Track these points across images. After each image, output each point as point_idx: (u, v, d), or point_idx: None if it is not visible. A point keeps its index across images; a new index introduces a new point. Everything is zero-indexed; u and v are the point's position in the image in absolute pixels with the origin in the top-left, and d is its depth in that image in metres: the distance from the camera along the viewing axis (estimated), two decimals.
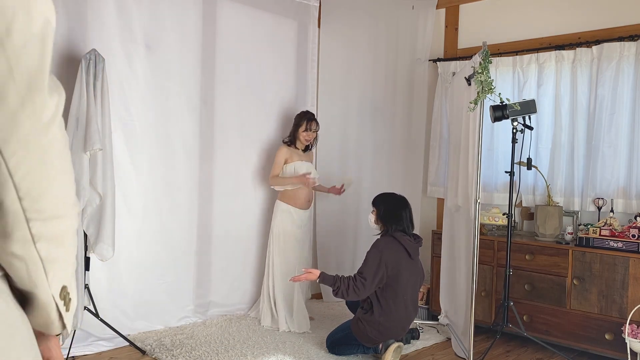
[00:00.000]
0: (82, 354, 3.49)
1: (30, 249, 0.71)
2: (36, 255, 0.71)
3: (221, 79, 4.34)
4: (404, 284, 3.52)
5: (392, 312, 3.50)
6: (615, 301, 3.60)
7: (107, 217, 3.38)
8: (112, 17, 3.69)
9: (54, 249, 0.74)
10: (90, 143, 3.21)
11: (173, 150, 4.09)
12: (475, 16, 4.84)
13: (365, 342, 3.56)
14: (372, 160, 5.07)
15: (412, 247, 3.57)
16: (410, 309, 3.60)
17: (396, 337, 3.57)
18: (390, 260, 3.48)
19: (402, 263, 3.52)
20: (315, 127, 4.30)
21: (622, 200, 3.99)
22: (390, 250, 3.51)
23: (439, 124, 4.96)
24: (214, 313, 4.40)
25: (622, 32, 3.98)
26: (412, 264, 3.58)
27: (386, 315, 3.49)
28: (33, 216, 0.70)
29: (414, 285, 3.62)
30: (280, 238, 4.23)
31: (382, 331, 3.50)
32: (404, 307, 3.53)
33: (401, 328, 3.59)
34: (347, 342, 3.63)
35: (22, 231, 0.69)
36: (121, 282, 3.84)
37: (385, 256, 3.48)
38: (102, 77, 3.35)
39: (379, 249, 3.52)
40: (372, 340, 3.55)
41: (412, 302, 3.61)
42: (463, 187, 3.77)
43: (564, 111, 4.25)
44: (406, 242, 3.55)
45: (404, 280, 3.51)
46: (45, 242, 0.72)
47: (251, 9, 4.49)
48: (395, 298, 3.50)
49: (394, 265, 3.49)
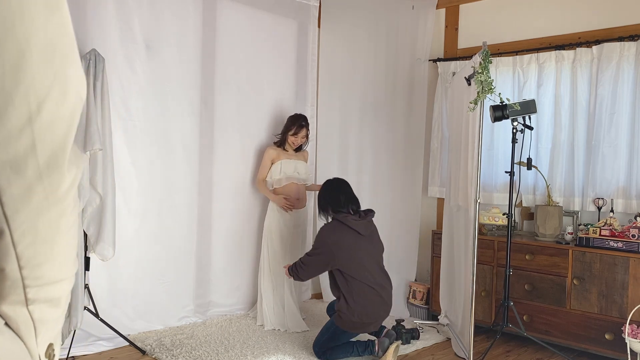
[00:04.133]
0: (82, 354, 3.49)
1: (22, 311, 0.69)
2: (28, 316, 0.70)
3: (221, 79, 4.34)
4: (361, 263, 3.51)
5: (360, 293, 3.48)
6: (615, 301, 3.60)
7: (107, 217, 3.38)
8: (112, 17, 3.69)
9: (48, 310, 0.72)
10: (90, 143, 3.21)
11: (173, 150, 4.09)
12: (475, 16, 4.84)
13: (353, 329, 3.53)
14: (372, 160, 5.07)
15: (359, 225, 3.55)
16: (380, 283, 3.56)
17: (381, 315, 3.54)
18: (335, 245, 3.49)
19: (352, 243, 3.51)
20: (304, 134, 4.33)
21: (622, 200, 3.98)
22: (335, 235, 3.52)
23: (439, 124, 4.96)
24: (214, 313, 4.40)
25: (622, 32, 3.98)
26: (364, 240, 3.56)
27: (357, 297, 3.48)
28: (31, 283, 0.68)
29: (374, 260, 3.60)
30: (271, 237, 4.27)
31: (363, 313, 3.48)
32: (369, 285, 3.50)
33: (380, 304, 3.54)
34: (336, 341, 3.57)
35: (17, 296, 0.68)
36: (121, 282, 3.84)
37: (329, 242, 3.50)
38: (102, 77, 3.35)
39: (322, 237, 3.56)
40: (358, 325, 3.50)
41: (379, 276, 3.58)
42: (463, 187, 3.77)
43: (564, 111, 4.25)
44: (351, 221, 3.54)
45: (359, 259, 3.51)
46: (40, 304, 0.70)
47: (251, 9, 4.49)
48: (359, 279, 3.49)
49: (341, 248, 3.48)
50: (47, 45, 0.62)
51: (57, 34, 0.63)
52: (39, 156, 0.64)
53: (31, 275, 0.68)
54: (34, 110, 0.62)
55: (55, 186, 0.67)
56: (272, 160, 4.30)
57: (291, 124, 4.31)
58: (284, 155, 4.30)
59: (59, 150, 0.66)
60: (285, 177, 4.26)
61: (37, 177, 0.65)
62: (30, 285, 0.68)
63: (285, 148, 4.35)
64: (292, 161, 4.30)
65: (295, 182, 4.28)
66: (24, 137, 0.63)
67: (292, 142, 4.32)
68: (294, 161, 4.31)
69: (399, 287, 4.88)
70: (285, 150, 4.35)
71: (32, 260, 0.67)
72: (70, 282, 0.75)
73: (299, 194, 4.32)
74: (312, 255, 3.57)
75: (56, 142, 0.66)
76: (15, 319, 0.68)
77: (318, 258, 3.54)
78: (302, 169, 4.32)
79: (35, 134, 0.63)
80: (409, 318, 4.63)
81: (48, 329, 0.74)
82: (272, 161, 4.30)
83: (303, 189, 4.36)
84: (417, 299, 4.74)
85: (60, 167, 0.67)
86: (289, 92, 4.82)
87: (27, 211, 0.65)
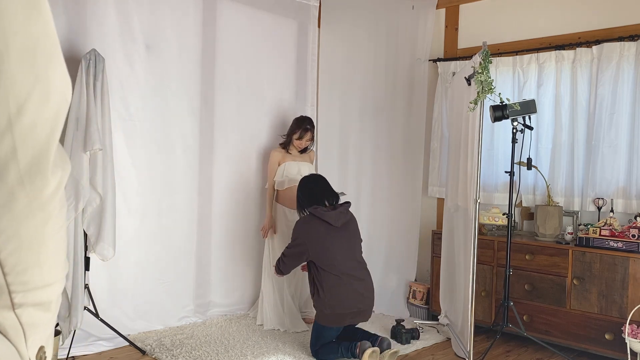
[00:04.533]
0: (82, 354, 3.49)
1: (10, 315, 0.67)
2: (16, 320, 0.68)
3: (221, 79, 4.34)
4: (332, 254, 3.53)
5: (331, 284, 3.51)
6: (615, 301, 3.60)
7: (107, 216, 3.38)
8: (112, 17, 3.69)
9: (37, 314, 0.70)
10: (90, 143, 3.21)
11: (173, 150, 4.09)
12: (475, 16, 4.84)
13: (331, 323, 3.53)
14: (372, 160, 5.07)
15: (332, 217, 3.59)
16: (353, 274, 3.56)
17: (357, 306, 3.53)
18: (307, 237, 3.55)
19: (323, 234, 3.55)
20: (309, 137, 4.32)
21: (622, 200, 3.98)
22: (308, 228, 3.59)
23: (439, 124, 4.96)
24: (214, 313, 4.40)
25: (622, 32, 3.98)
26: (337, 231, 3.60)
27: (327, 288, 3.50)
28: (17, 288, 0.67)
29: (348, 251, 3.61)
30: (273, 236, 4.29)
31: (334, 305, 3.49)
32: (338, 276, 3.51)
33: (353, 295, 3.53)
34: (321, 339, 3.57)
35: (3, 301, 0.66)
36: (121, 282, 3.84)
37: (302, 235, 3.58)
38: (102, 77, 3.35)
39: (295, 229, 3.65)
40: (334, 318, 3.50)
41: (353, 268, 3.58)
42: (462, 187, 3.77)
43: (564, 111, 4.25)
44: (321, 213, 3.59)
45: (330, 250, 3.54)
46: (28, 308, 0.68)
47: (251, 9, 4.49)
48: (328, 270, 3.51)
49: (312, 239, 3.54)
50: (27, 46, 0.60)
51: (37, 34, 0.61)
52: (20, 161, 0.62)
53: (16, 281, 0.66)
54: (14, 113, 0.60)
55: (38, 191, 0.65)
56: (278, 163, 4.32)
57: (296, 127, 4.31)
58: (288, 158, 4.31)
59: (41, 153, 0.64)
60: (287, 180, 4.26)
61: (19, 182, 0.63)
62: (17, 290, 0.67)
63: (289, 150, 4.35)
64: (296, 163, 4.30)
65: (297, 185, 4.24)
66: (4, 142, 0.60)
67: (297, 145, 4.33)
68: (298, 163, 4.31)
69: (399, 287, 4.88)
70: (290, 152, 4.35)
71: (17, 266, 0.66)
72: (61, 285, 0.73)
73: None
74: (290, 248, 3.67)
75: (38, 146, 0.63)
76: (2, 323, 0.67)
77: (293, 250, 3.63)
78: (306, 170, 4.29)
79: (15, 138, 0.61)
80: (409, 318, 4.63)
81: (38, 332, 0.72)
82: (278, 163, 4.32)
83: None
84: (417, 299, 4.74)
85: (43, 171, 0.65)
86: (289, 92, 4.82)
87: (9, 217, 0.63)
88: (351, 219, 3.75)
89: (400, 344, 3.93)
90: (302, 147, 4.34)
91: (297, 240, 3.61)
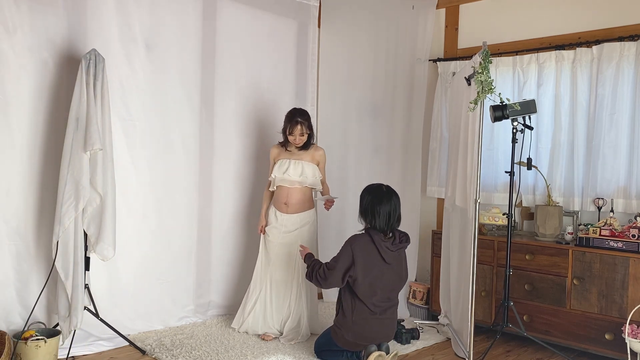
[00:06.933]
0: (82, 354, 3.49)
1: None
2: None
3: (221, 79, 4.34)
4: (373, 287, 3.39)
5: (361, 316, 3.40)
6: (615, 301, 3.60)
7: (107, 216, 3.38)
8: (112, 17, 3.70)
9: None
10: (90, 143, 3.21)
11: (173, 150, 4.09)
12: (475, 16, 4.84)
13: (346, 346, 3.46)
14: (372, 159, 5.07)
15: (388, 254, 3.41)
16: (386, 311, 3.46)
17: (376, 339, 3.43)
18: (359, 260, 3.36)
19: (373, 266, 3.38)
20: (301, 131, 3.91)
21: (622, 200, 3.98)
22: (363, 252, 3.38)
23: (438, 124, 4.96)
24: (214, 313, 4.40)
25: (622, 32, 3.98)
26: (386, 267, 3.42)
27: (356, 318, 3.39)
28: None
29: (388, 288, 3.46)
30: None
31: (359, 335, 3.40)
32: (372, 310, 3.40)
33: (379, 330, 3.44)
34: (330, 347, 3.54)
35: None
36: (121, 282, 3.84)
37: (356, 255, 3.36)
38: (102, 77, 3.35)
39: (351, 246, 3.39)
40: (352, 344, 3.44)
41: (387, 304, 3.46)
42: (462, 187, 3.77)
43: (564, 111, 4.25)
44: (382, 246, 3.39)
45: (372, 283, 3.39)
46: None
47: (251, 8, 4.49)
48: (364, 301, 3.39)
49: (362, 266, 3.36)
50: None
51: None
52: None
53: None
54: None
55: None
56: (274, 160, 4.09)
57: (287, 121, 3.96)
58: (283, 155, 4.03)
59: None
60: (276, 179, 3.99)
61: None
62: None
63: (288, 147, 4.05)
64: (290, 161, 3.96)
65: (287, 185, 3.95)
66: None
67: (291, 141, 3.99)
68: (293, 162, 3.95)
69: None
70: (288, 149, 4.04)
71: None
72: None
73: (288, 199, 3.97)
74: (339, 264, 3.37)
75: None
76: None
77: (342, 272, 3.37)
78: (302, 171, 3.95)
79: None
80: (409, 318, 4.63)
81: None
82: (274, 160, 4.09)
83: (296, 192, 3.97)
84: (417, 299, 4.74)
85: None
86: (289, 92, 4.82)
87: None
88: (403, 257, 3.55)
89: (401, 344, 3.93)
90: (298, 143, 3.95)
91: (350, 260, 3.36)
